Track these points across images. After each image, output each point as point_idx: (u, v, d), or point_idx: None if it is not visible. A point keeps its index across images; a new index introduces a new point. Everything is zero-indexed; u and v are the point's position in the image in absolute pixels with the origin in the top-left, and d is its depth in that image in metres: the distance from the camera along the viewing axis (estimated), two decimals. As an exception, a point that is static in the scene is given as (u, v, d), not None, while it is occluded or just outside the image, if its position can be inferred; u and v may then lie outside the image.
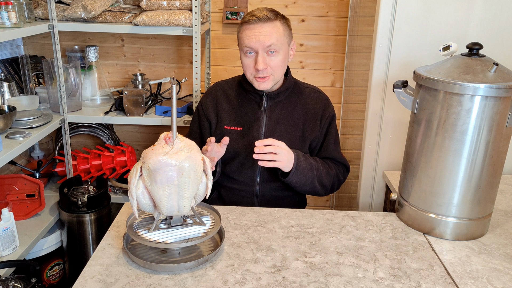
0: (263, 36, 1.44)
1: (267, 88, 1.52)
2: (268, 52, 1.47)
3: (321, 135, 1.61)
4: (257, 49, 1.46)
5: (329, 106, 1.63)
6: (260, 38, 1.44)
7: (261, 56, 1.46)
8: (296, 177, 1.48)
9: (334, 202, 2.73)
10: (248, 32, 1.46)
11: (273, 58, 1.48)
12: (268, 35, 1.45)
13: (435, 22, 1.68)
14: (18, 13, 1.78)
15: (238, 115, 1.59)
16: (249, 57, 1.49)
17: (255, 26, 1.46)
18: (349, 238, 1.29)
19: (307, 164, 1.49)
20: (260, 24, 1.45)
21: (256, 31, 1.45)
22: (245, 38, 1.47)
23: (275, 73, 1.50)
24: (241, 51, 1.52)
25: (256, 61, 1.47)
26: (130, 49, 2.46)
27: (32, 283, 1.44)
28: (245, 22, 1.48)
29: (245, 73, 1.53)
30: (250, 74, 1.51)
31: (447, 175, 1.25)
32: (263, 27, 1.45)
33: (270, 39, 1.45)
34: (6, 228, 1.64)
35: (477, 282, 1.11)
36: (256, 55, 1.47)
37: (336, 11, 2.39)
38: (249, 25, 1.47)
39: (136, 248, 1.19)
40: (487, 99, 1.17)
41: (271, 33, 1.45)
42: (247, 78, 1.54)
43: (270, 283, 1.07)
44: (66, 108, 2.08)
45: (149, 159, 1.05)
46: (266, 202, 1.59)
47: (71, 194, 2.03)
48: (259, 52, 1.46)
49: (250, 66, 1.49)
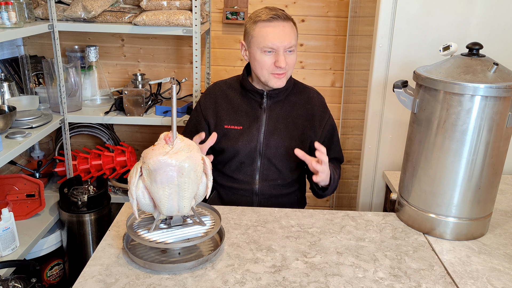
0: (284, 37, 1.46)
1: (282, 85, 1.54)
2: (287, 51, 1.49)
3: (321, 139, 1.62)
4: (279, 49, 1.47)
5: (327, 110, 1.67)
6: (282, 38, 1.46)
7: (282, 54, 1.48)
8: (330, 190, 1.56)
9: (334, 202, 2.73)
10: (268, 31, 1.46)
11: (291, 57, 1.51)
12: (289, 35, 1.47)
13: (435, 22, 1.68)
14: (18, 13, 1.78)
15: (238, 114, 1.59)
16: (268, 55, 1.49)
17: (276, 25, 1.46)
18: (349, 238, 1.29)
19: (336, 175, 1.58)
20: (280, 23, 1.46)
21: (278, 30, 1.46)
22: (266, 37, 1.46)
23: (289, 71, 1.54)
24: (257, 49, 1.49)
25: (276, 59, 1.48)
26: (130, 49, 2.46)
27: (32, 283, 1.44)
28: (261, 20, 1.47)
29: (260, 71, 1.51)
30: (267, 72, 1.50)
31: (447, 175, 1.26)
32: (284, 27, 1.47)
33: (291, 39, 1.48)
34: (6, 228, 1.64)
35: (477, 282, 1.11)
36: (275, 53, 1.48)
37: (336, 11, 2.39)
38: (269, 23, 1.46)
39: (136, 248, 1.19)
40: (487, 99, 1.17)
41: (291, 33, 1.48)
42: (259, 76, 1.52)
43: (270, 283, 1.07)
44: (66, 108, 2.08)
45: (149, 159, 1.05)
46: (265, 201, 1.59)
47: (71, 194, 2.04)
48: (280, 51, 1.47)
49: (268, 63, 1.49)
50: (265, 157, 1.56)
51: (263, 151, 1.56)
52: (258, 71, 1.52)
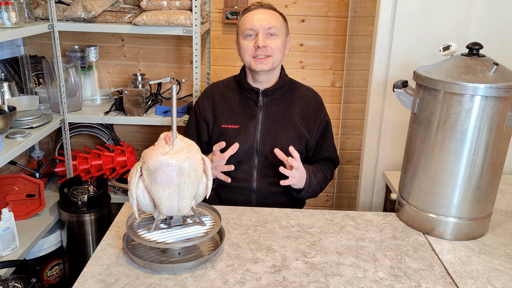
0: (264, 19, 1.52)
1: (266, 68, 1.54)
2: (268, 34, 1.53)
3: (316, 137, 1.65)
4: (258, 30, 1.52)
5: (323, 108, 1.68)
6: (261, 20, 1.52)
7: (262, 35, 1.51)
8: (306, 193, 1.56)
9: (334, 202, 2.72)
10: (249, 16, 1.54)
11: (273, 40, 1.54)
12: (269, 17, 1.53)
13: (435, 22, 1.68)
14: (18, 13, 1.78)
15: (234, 113, 1.60)
16: (249, 39, 1.54)
17: (256, 11, 1.54)
18: (349, 238, 1.29)
19: (316, 180, 1.57)
20: (261, 10, 1.54)
21: (257, 15, 1.53)
22: (246, 22, 1.54)
23: (274, 55, 1.54)
24: (240, 37, 1.57)
25: (256, 41, 1.52)
26: (130, 49, 2.46)
27: (32, 283, 1.44)
28: (246, 10, 1.56)
29: (243, 57, 1.57)
30: (249, 56, 1.54)
31: (447, 175, 1.26)
32: (264, 12, 1.54)
33: (270, 22, 1.52)
34: (6, 228, 1.64)
35: (477, 282, 1.11)
36: (256, 37, 1.52)
37: (336, 11, 2.39)
38: (250, 11, 1.55)
39: (136, 248, 1.19)
40: (487, 99, 1.17)
41: (271, 17, 1.53)
42: (245, 62, 1.58)
43: (270, 283, 1.07)
44: (66, 108, 2.08)
45: (149, 159, 1.05)
46: (263, 198, 1.60)
47: (71, 194, 2.04)
48: (260, 33, 1.52)
49: (249, 47, 1.53)
50: (262, 155, 1.57)
51: (260, 149, 1.57)
52: (243, 58, 1.58)
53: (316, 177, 1.58)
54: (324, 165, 1.68)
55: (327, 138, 1.68)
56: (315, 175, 1.58)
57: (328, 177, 1.67)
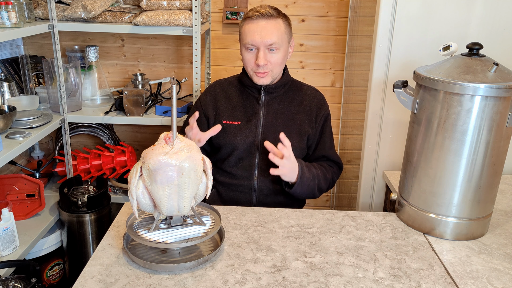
0: (265, 33, 1.47)
1: (266, 83, 1.56)
2: (269, 49, 1.50)
3: (317, 133, 1.64)
4: (259, 46, 1.49)
5: (325, 104, 1.67)
6: (262, 35, 1.47)
7: (262, 52, 1.49)
8: (299, 188, 1.51)
9: (334, 202, 2.73)
10: (250, 28, 1.49)
11: (273, 55, 1.51)
12: (270, 32, 1.48)
13: (435, 22, 1.68)
14: (18, 13, 1.78)
15: (236, 110, 1.61)
16: (250, 53, 1.52)
17: (258, 22, 1.48)
18: (349, 238, 1.29)
19: (310, 174, 1.52)
20: (262, 21, 1.48)
21: (259, 28, 1.48)
22: (248, 34, 1.49)
23: (274, 69, 1.54)
24: (242, 46, 1.55)
25: (257, 57, 1.50)
26: (130, 49, 2.46)
27: (32, 283, 1.44)
28: (247, 17, 1.51)
29: (246, 68, 1.57)
30: (251, 69, 1.55)
31: (447, 175, 1.25)
32: (265, 24, 1.48)
33: (272, 37, 1.48)
34: (6, 228, 1.64)
35: (477, 282, 1.11)
36: (257, 51, 1.50)
37: (336, 11, 2.39)
38: (251, 21, 1.49)
39: (136, 248, 1.19)
40: (487, 99, 1.17)
41: (273, 31, 1.48)
42: (247, 72, 1.58)
43: (270, 283, 1.07)
44: (66, 108, 2.08)
45: (149, 159, 1.05)
46: (264, 197, 1.60)
47: (71, 194, 2.03)
48: (261, 49, 1.49)
49: (251, 61, 1.53)
50: (263, 152, 1.56)
51: (261, 146, 1.56)
52: (245, 67, 1.58)
53: (310, 171, 1.52)
54: (323, 163, 1.64)
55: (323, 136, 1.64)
56: (309, 169, 1.53)
57: (328, 176, 1.61)
